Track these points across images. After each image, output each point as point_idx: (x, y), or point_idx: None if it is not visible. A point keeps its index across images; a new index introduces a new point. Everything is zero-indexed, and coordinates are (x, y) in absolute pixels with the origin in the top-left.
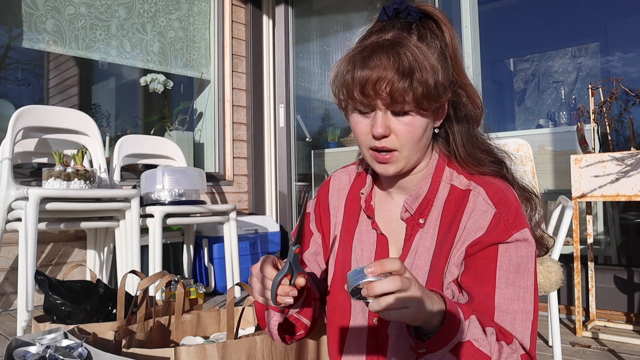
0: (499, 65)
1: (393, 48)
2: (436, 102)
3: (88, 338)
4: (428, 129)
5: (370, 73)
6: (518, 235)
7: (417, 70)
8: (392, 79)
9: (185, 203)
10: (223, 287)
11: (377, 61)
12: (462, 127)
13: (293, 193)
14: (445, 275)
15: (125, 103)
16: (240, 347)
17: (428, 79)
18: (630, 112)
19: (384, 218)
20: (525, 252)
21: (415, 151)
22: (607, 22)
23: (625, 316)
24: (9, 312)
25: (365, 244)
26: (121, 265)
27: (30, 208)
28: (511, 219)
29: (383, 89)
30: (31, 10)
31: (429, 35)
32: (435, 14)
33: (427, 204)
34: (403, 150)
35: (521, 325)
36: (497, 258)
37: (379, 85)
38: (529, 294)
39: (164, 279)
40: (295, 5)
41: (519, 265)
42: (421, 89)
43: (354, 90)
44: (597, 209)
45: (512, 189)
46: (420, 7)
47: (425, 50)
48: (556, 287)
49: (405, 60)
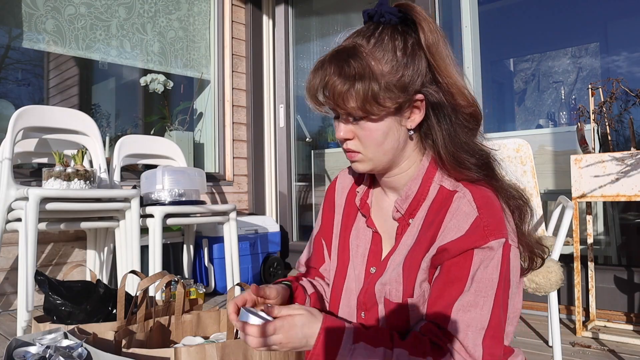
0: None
1: (340, 56)
2: (382, 106)
3: (88, 338)
4: (392, 132)
5: (317, 80)
6: (495, 243)
7: (359, 78)
8: (333, 85)
9: (185, 203)
10: (223, 287)
11: (324, 69)
12: (443, 128)
13: (293, 193)
14: (419, 272)
15: (125, 103)
16: (239, 348)
17: (369, 85)
18: (630, 112)
19: (379, 216)
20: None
21: (381, 153)
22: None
23: (625, 316)
24: (9, 312)
25: (361, 241)
26: (121, 265)
27: (30, 208)
28: (492, 225)
29: (329, 96)
30: (31, 10)
31: (395, 35)
32: (411, 13)
33: (416, 204)
34: (367, 152)
35: (474, 335)
36: (471, 265)
37: (326, 91)
38: (488, 304)
39: (164, 279)
40: (295, 5)
41: (488, 274)
42: (362, 96)
43: (309, 96)
44: (597, 209)
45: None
46: (399, 7)
47: (376, 56)
48: (556, 287)
49: (347, 69)
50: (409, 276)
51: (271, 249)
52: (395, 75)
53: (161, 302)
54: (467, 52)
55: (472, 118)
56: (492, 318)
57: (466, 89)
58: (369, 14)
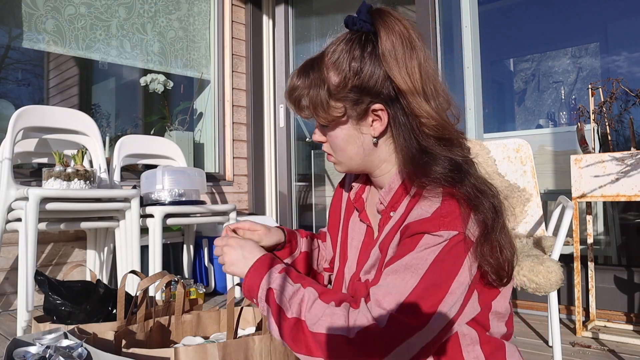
0: (499, 65)
1: (306, 65)
2: (330, 114)
3: (88, 338)
4: (352, 139)
5: (288, 83)
6: (444, 233)
7: (313, 86)
8: (293, 91)
9: (185, 203)
10: (223, 287)
11: (292, 77)
12: (400, 137)
13: (293, 193)
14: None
15: (125, 103)
16: (240, 347)
17: (318, 94)
18: (630, 112)
19: (372, 211)
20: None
21: (347, 158)
22: (607, 22)
23: (625, 316)
24: (9, 312)
25: (356, 234)
26: (121, 265)
27: (30, 208)
28: (448, 218)
29: (292, 101)
30: (31, 10)
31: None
32: (373, 19)
33: (398, 197)
34: (336, 156)
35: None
36: (416, 245)
37: (291, 95)
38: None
39: (164, 279)
40: (295, 5)
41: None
42: (312, 104)
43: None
44: (597, 209)
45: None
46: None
47: (332, 66)
48: (556, 287)
49: (305, 78)
50: (381, 261)
51: None
52: (346, 85)
53: (161, 302)
54: (467, 52)
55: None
56: (412, 294)
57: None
58: (345, 22)
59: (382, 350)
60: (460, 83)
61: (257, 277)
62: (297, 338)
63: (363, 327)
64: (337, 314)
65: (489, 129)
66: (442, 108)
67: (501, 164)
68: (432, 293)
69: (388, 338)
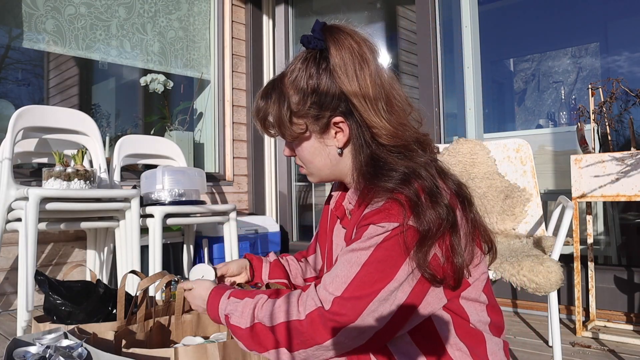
0: (499, 65)
1: (269, 85)
2: (293, 131)
3: (88, 338)
4: (318, 151)
5: (254, 105)
6: (387, 224)
7: (274, 106)
8: (259, 111)
9: (185, 203)
10: None
11: (256, 98)
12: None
13: (293, 193)
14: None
15: (125, 103)
16: (239, 347)
17: (280, 112)
18: (630, 112)
19: None
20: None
21: (316, 169)
22: (607, 22)
23: (625, 316)
24: (9, 312)
25: (339, 240)
26: (121, 265)
27: (30, 208)
28: (393, 211)
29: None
30: (31, 10)
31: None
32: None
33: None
34: (307, 167)
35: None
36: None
37: (257, 115)
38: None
39: (164, 279)
40: (295, 5)
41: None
42: (277, 122)
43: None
44: (597, 209)
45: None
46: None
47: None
48: (556, 287)
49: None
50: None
51: (271, 249)
52: (306, 102)
53: (161, 302)
54: (467, 52)
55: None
56: (356, 278)
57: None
58: (301, 42)
59: (330, 331)
60: (460, 83)
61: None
62: (259, 340)
63: (311, 310)
64: (289, 302)
65: (489, 129)
66: (399, 116)
67: (501, 164)
68: (375, 277)
69: (334, 318)
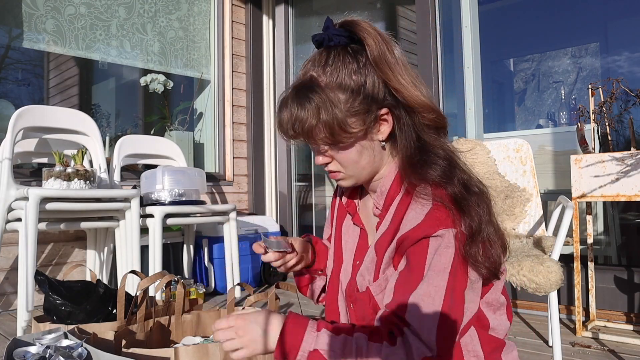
0: (499, 65)
1: (300, 91)
2: (349, 133)
3: (88, 338)
4: (365, 149)
5: (284, 117)
6: (444, 231)
7: (322, 111)
8: (301, 122)
9: (185, 203)
10: (223, 287)
11: (288, 107)
12: (403, 136)
13: (293, 193)
14: (384, 260)
15: (125, 103)
16: None
17: (334, 116)
18: (630, 112)
19: (365, 214)
20: (446, 252)
21: (359, 169)
22: (607, 22)
23: (625, 316)
24: (9, 312)
25: (350, 237)
26: (121, 265)
27: (30, 208)
28: (442, 217)
29: (299, 131)
30: (31, 10)
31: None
32: (354, 30)
33: (390, 200)
34: (347, 171)
35: (428, 324)
36: (427, 254)
37: (295, 128)
38: (440, 294)
39: (164, 279)
40: (295, 5)
41: (441, 263)
42: (329, 127)
43: (280, 132)
44: (597, 209)
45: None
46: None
47: (334, 86)
48: (556, 287)
49: (308, 105)
50: (377, 266)
51: None
52: (356, 99)
53: (161, 302)
54: (467, 52)
55: (433, 122)
56: (444, 305)
57: (422, 94)
58: (317, 41)
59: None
60: (460, 83)
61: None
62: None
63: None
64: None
65: (489, 129)
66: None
67: (501, 164)
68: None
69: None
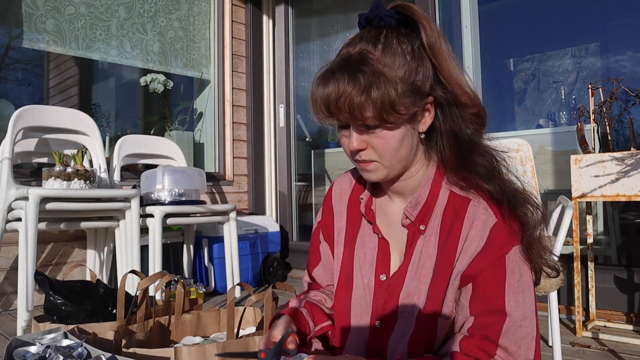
0: (499, 65)
1: (352, 65)
2: (399, 113)
3: (88, 338)
4: (407, 137)
5: (329, 92)
6: (516, 248)
7: (374, 86)
8: (348, 96)
9: (185, 203)
10: (223, 287)
11: (336, 80)
12: (449, 129)
13: (293, 193)
14: (449, 287)
15: (125, 103)
16: (240, 347)
17: (386, 93)
18: (630, 112)
19: (384, 222)
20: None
21: (396, 160)
22: (607, 22)
23: (625, 316)
24: (9, 312)
25: (368, 248)
26: (121, 265)
27: (30, 208)
28: (510, 231)
29: (343, 107)
30: (31, 10)
31: (401, 39)
32: (410, 13)
33: (427, 210)
34: (383, 160)
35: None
36: (505, 275)
37: (339, 103)
38: (531, 311)
39: (164, 279)
40: (295, 5)
41: (522, 281)
42: (380, 104)
43: (320, 108)
44: (597, 209)
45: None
46: (396, 8)
47: (387, 62)
48: (556, 287)
49: (361, 78)
50: (438, 289)
51: (271, 248)
52: (409, 80)
53: (161, 302)
54: (467, 52)
55: (477, 117)
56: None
57: (468, 86)
58: (367, 18)
59: None
60: None
61: None
62: None
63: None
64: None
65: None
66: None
67: None
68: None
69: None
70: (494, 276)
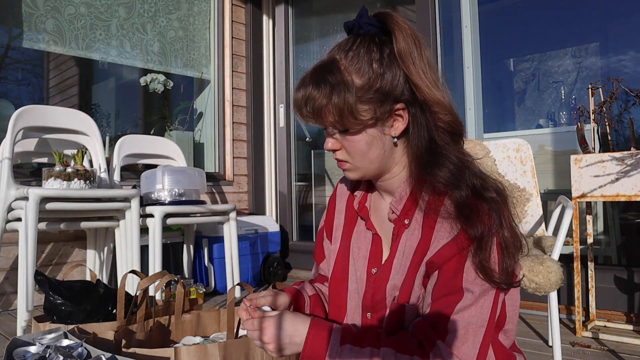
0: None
1: (319, 71)
2: (358, 119)
3: (88, 338)
4: (376, 141)
5: (300, 96)
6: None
7: (335, 92)
8: (312, 100)
9: (185, 203)
10: (223, 287)
11: (305, 85)
12: (417, 135)
13: (293, 193)
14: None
15: (125, 103)
16: (240, 347)
17: (345, 99)
18: (630, 112)
19: (377, 219)
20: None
21: (367, 162)
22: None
23: (625, 316)
24: (9, 312)
25: (362, 243)
26: (121, 265)
27: (30, 208)
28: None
29: (310, 111)
30: (31, 10)
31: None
32: (385, 21)
33: (410, 205)
34: (354, 162)
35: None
36: (464, 265)
37: (308, 107)
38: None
39: (164, 279)
40: (295, 5)
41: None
42: (339, 110)
43: (295, 110)
44: (597, 209)
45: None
46: (376, 16)
47: (351, 70)
48: (556, 287)
49: (326, 84)
50: (412, 278)
51: (271, 248)
52: (371, 87)
53: (161, 302)
54: (467, 52)
55: (451, 126)
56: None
57: (443, 95)
58: (348, 27)
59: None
60: (460, 83)
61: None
62: None
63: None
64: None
65: (489, 129)
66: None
67: (501, 164)
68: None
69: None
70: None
